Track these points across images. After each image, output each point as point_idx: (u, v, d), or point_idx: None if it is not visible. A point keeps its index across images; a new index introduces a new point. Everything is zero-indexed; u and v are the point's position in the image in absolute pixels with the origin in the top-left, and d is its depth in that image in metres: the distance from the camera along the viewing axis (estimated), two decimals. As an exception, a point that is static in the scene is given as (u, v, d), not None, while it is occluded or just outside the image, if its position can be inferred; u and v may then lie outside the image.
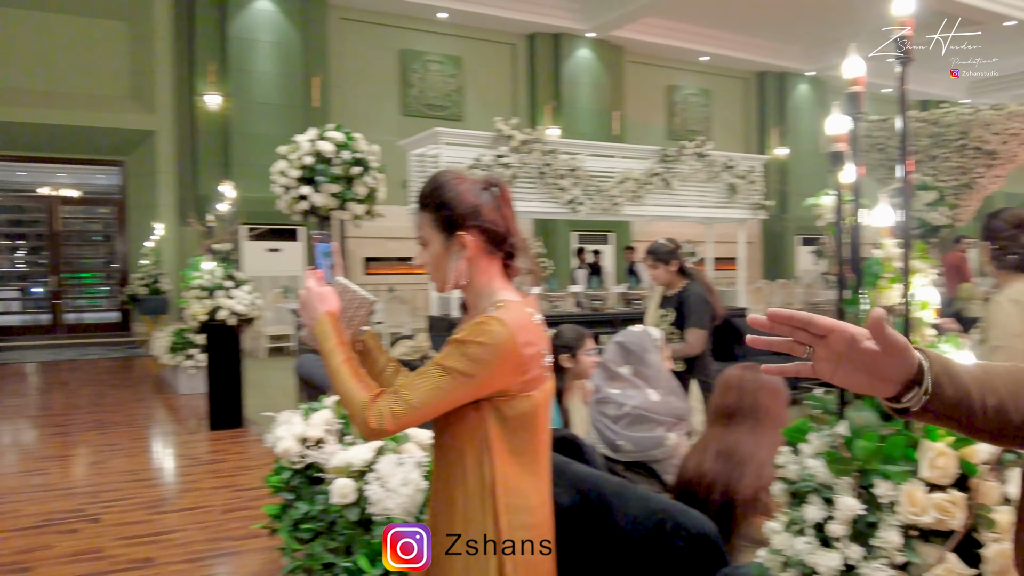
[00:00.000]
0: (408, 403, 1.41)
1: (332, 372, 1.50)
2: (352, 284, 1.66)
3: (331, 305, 1.57)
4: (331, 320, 1.55)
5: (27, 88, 13.05)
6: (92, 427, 6.77)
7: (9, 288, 13.98)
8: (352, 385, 1.46)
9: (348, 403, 1.45)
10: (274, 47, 14.25)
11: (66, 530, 4.14)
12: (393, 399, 1.42)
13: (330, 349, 1.51)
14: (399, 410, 1.41)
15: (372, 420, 1.41)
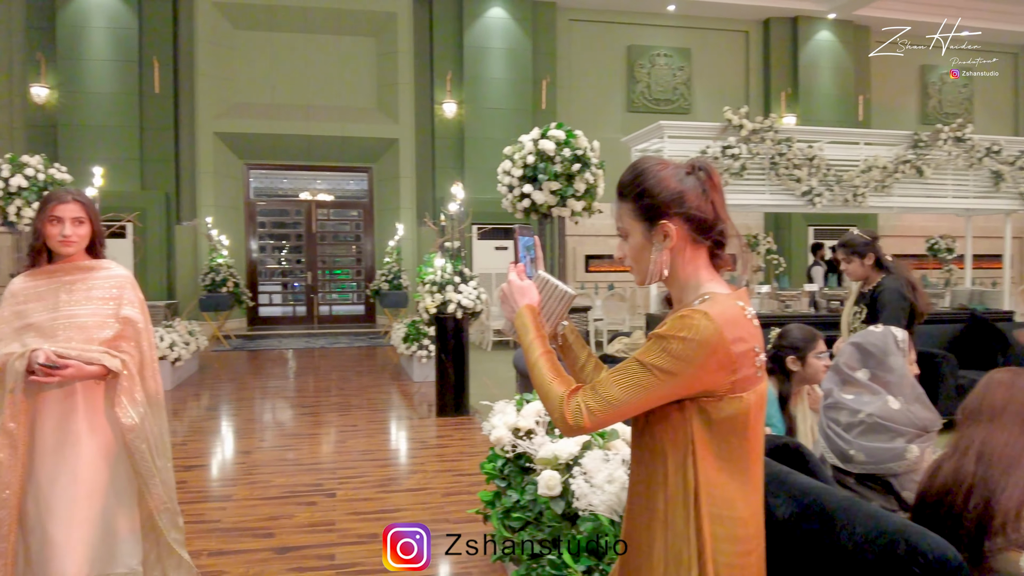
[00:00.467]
0: (605, 400, 1.34)
1: (530, 365, 1.46)
2: (553, 278, 1.61)
3: (531, 299, 1.54)
4: (531, 313, 1.52)
5: (291, 104, 14.59)
6: (336, 409, 7.38)
7: (273, 283, 15.71)
8: (549, 379, 1.41)
9: (545, 397, 1.40)
10: (505, 53, 14.77)
11: (306, 502, 4.52)
12: (590, 395, 1.35)
13: (529, 342, 1.48)
14: (596, 407, 1.34)
15: (569, 416, 1.35)
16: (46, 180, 6.95)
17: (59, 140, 13.11)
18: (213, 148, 14.23)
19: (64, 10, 13.24)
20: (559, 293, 1.58)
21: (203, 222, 13.76)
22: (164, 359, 8.48)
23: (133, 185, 13.61)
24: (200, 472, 5.20)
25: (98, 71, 13.45)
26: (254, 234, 15.25)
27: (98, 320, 2.67)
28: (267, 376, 9.66)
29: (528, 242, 1.66)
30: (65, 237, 2.61)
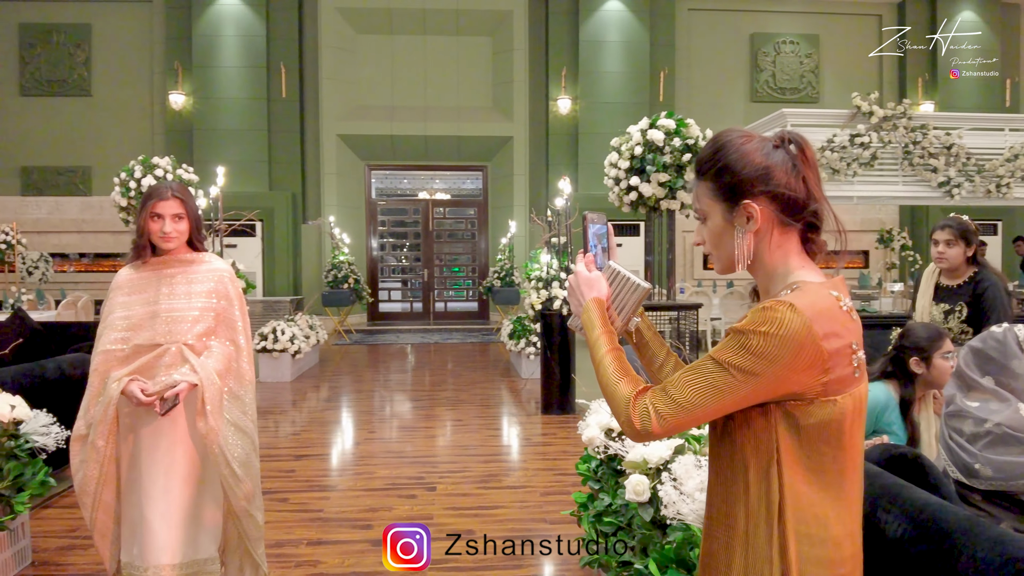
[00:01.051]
0: (676, 402, 1.19)
1: (596, 363, 1.33)
2: (624, 269, 1.46)
3: (599, 291, 1.42)
4: (598, 307, 1.39)
5: (410, 105, 14.89)
6: (445, 403, 7.43)
7: (393, 280, 16.11)
8: (616, 379, 1.27)
9: (611, 399, 1.27)
10: (622, 46, 14.52)
11: (406, 495, 4.53)
12: (660, 396, 1.20)
13: (595, 338, 1.35)
14: (665, 410, 1.19)
15: (636, 419, 1.21)
16: (174, 180, 7.34)
17: (195, 144, 13.91)
18: (336, 150, 14.72)
19: (199, 20, 14.02)
20: (631, 285, 1.43)
21: (326, 221, 14.26)
22: (285, 352, 8.82)
23: (262, 186, 14.26)
24: (309, 462, 5.32)
25: (229, 78, 14.18)
26: (374, 232, 15.67)
27: (195, 314, 2.73)
28: (382, 370, 9.87)
29: (599, 230, 1.53)
30: (165, 234, 2.68)
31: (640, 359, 1.55)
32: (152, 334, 2.68)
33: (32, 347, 6.27)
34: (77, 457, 2.68)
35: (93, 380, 2.71)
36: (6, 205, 14.16)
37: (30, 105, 14.37)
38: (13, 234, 11.00)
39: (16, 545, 3.48)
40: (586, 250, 1.49)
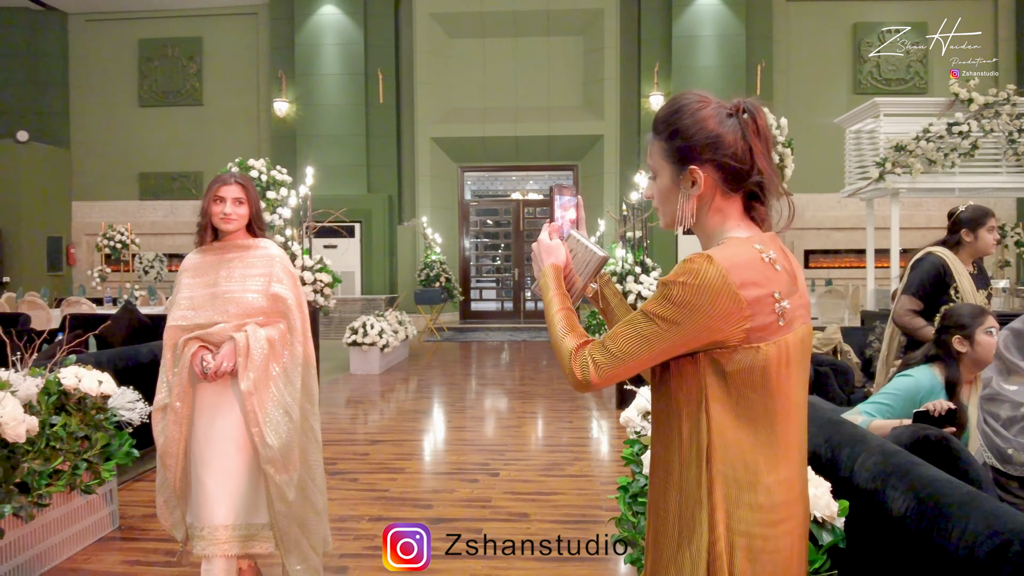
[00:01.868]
0: (612, 353, 1.24)
1: (548, 321, 1.39)
2: (586, 239, 1.52)
3: (557, 258, 1.47)
4: (554, 272, 1.44)
5: (501, 107, 15.09)
6: (523, 397, 7.51)
7: (484, 279, 16.36)
8: (563, 334, 1.33)
9: (558, 352, 1.32)
10: (717, 40, 14.28)
11: (469, 479, 4.63)
12: (598, 349, 1.26)
13: (549, 300, 1.41)
14: (602, 360, 1.25)
15: (577, 370, 1.26)
16: (268, 181, 7.73)
17: (297, 149, 14.55)
18: (430, 153, 15.09)
19: (301, 30, 14.67)
20: (588, 255, 1.49)
21: (420, 222, 14.63)
22: (374, 345, 9.12)
23: (360, 189, 14.78)
24: (383, 447, 5.51)
25: (330, 85, 14.76)
26: (467, 233, 15.95)
27: (249, 296, 2.92)
28: (466, 365, 10.06)
29: (568, 201, 1.59)
30: (225, 215, 2.88)
31: (608, 322, 1.59)
32: (211, 314, 2.88)
33: (139, 337, 6.74)
34: (158, 426, 2.91)
35: (165, 353, 2.94)
36: (126, 209, 15.23)
37: (147, 115, 15.42)
38: (128, 235, 11.82)
39: (106, 509, 3.78)
40: (552, 219, 1.55)
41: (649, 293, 6.64)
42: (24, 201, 14.43)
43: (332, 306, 7.26)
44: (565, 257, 1.48)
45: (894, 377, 2.80)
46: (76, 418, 3.55)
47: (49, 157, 15.06)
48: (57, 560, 3.39)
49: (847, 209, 14.70)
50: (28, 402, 3.34)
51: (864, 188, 8.21)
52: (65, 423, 3.44)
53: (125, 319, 7.01)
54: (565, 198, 1.58)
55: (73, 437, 3.48)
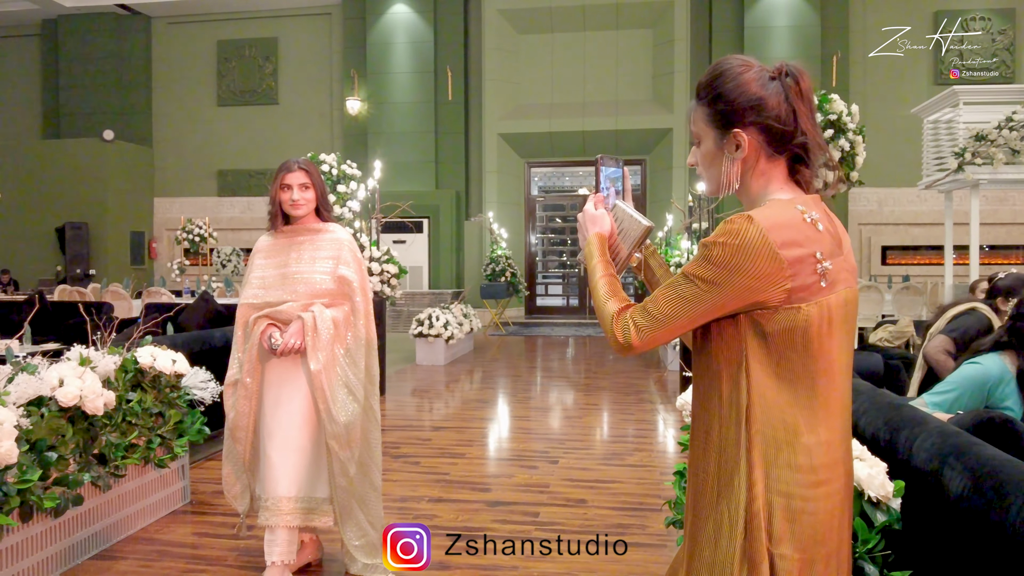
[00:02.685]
0: (652, 316, 1.25)
1: (592, 288, 1.40)
2: (631, 209, 1.52)
3: (602, 227, 1.48)
4: (599, 241, 1.45)
5: (568, 102, 15.07)
6: (586, 390, 7.50)
7: (551, 274, 16.37)
8: (605, 298, 1.34)
9: (600, 317, 1.34)
10: (790, 31, 13.98)
11: (528, 465, 4.66)
12: (639, 312, 1.27)
13: (593, 267, 1.42)
14: (643, 323, 1.25)
15: (619, 333, 1.27)
16: (339, 174, 7.91)
17: (368, 147, 14.83)
18: (497, 148, 15.18)
19: (373, 29, 14.94)
20: (633, 223, 1.50)
21: (486, 217, 14.74)
22: (439, 337, 9.24)
23: (429, 185, 14.97)
24: (446, 433, 5.58)
25: (400, 83, 15.00)
26: (533, 228, 15.99)
27: (318, 276, 3.02)
28: (531, 358, 10.10)
29: (613, 173, 1.59)
30: (294, 201, 2.99)
31: (651, 289, 1.59)
32: (281, 293, 2.99)
33: (215, 324, 7.00)
34: (229, 400, 3.03)
35: (237, 331, 3.06)
36: (205, 205, 15.79)
37: (225, 114, 15.95)
38: (206, 229, 12.27)
39: (178, 484, 3.95)
40: (597, 190, 1.55)
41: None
42: (110, 197, 15.13)
43: (398, 296, 7.38)
44: (610, 226, 1.49)
45: (962, 364, 2.71)
46: (151, 395, 3.72)
47: (133, 155, 15.75)
48: (132, 530, 3.56)
49: (926, 204, 14.17)
50: (107, 378, 3.52)
51: (942, 180, 7.90)
52: (140, 399, 3.61)
53: (202, 307, 7.29)
54: (610, 169, 1.59)
55: (148, 413, 3.65)
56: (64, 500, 3.02)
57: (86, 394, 3.18)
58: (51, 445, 3.04)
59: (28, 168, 15.14)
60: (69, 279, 14.44)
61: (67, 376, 3.18)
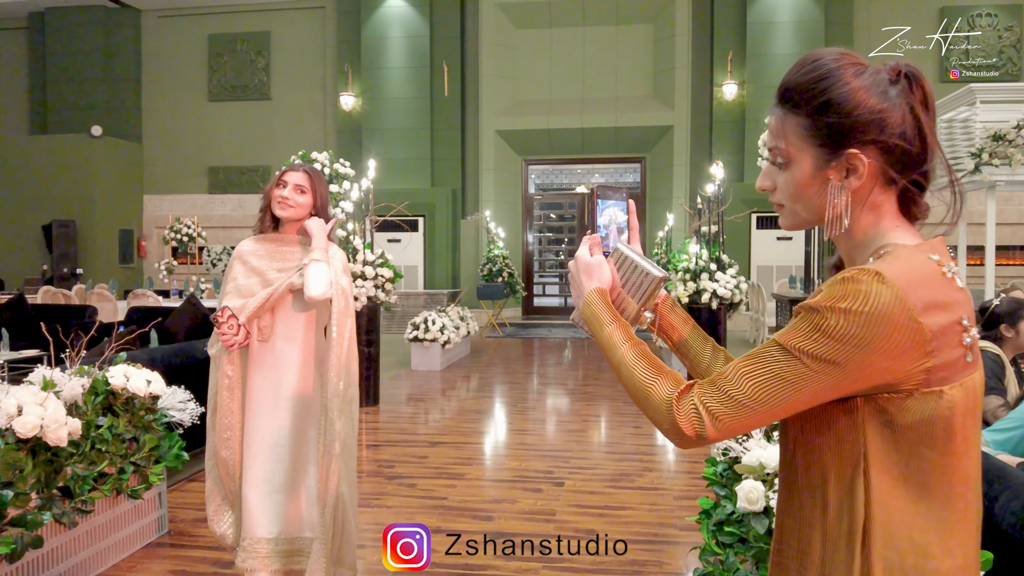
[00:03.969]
0: (733, 399, 0.94)
1: (616, 365, 1.07)
2: (638, 254, 1.21)
3: (601, 279, 1.16)
4: (601, 298, 1.13)
5: (567, 98, 14.76)
6: (587, 398, 7.22)
7: (548, 274, 16.07)
8: (647, 378, 1.02)
9: (646, 404, 1.01)
10: (794, 27, 13.70)
11: (532, 488, 4.36)
12: (711, 393, 0.95)
13: (607, 337, 1.09)
14: (720, 409, 0.94)
15: (683, 423, 0.96)
16: (331, 173, 7.61)
17: (363, 143, 14.50)
18: (494, 145, 14.86)
19: (367, 24, 14.60)
20: (640, 273, 1.18)
21: (483, 216, 14.43)
22: (435, 341, 8.94)
23: (424, 183, 14.66)
24: (443, 449, 5.29)
25: (395, 78, 14.66)
26: (531, 227, 15.69)
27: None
28: (528, 363, 9.81)
29: (613, 206, 1.27)
30: (283, 198, 2.68)
31: (682, 361, 1.29)
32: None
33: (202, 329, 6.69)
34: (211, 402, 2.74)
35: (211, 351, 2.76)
36: (195, 202, 15.44)
37: (216, 110, 15.59)
38: (195, 227, 11.94)
39: (154, 514, 3.64)
40: (594, 230, 1.24)
41: (725, 292, 6.25)
42: (98, 194, 14.77)
43: (393, 301, 7.08)
44: (610, 278, 1.18)
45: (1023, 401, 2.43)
46: (124, 419, 3.41)
47: (122, 151, 15.39)
48: (101, 568, 3.26)
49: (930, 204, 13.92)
50: (74, 402, 3.22)
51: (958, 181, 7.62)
52: (112, 424, 3.31)
53: (188, 312, 6.98)
54: (609, 202, 1.26)
55: (120, 439, 3.35)
56: (21, 543, 2.72)
57: (48, 423, 2.87)
58: (7, 482, 2.74)
59: (14, 164, 14.77)
60: (56, 278, 14.10)
61: (26, 403, 2.88)
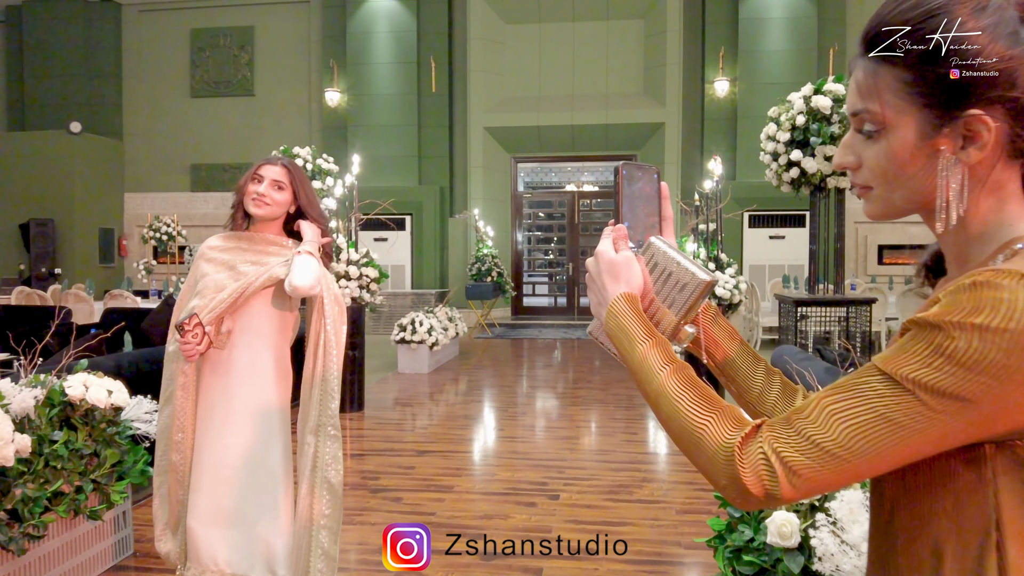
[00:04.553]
0: (820, 448, 0.68)
1: (653, 394, 0.81)
2: (676, 250, 0.94)
3: (630, 282, 0.90)
4: (630, 306, 0.87)
5: (557, 94, 14.51)
6: (581, 403, 6.97)
7: (537, 273, 15.83)
8: (696, 411, 0.77)
9: (694, 447, 0.76)
10: (787, 23, 13.52)
11: (526, 502, 4.11)
12: (789, 438, 0.70)
13: (639, 357, 0.83)
14: (801, 461, 0.69)
15: (750, 479, 0.70)
16: (314, 169, 7.32)
17: (348, 140, 14.20)
18: (483, 142, 14.59)
19: (353, 18, 14.30)
20: (680, 276, 0.91)
21: (471, 214, 14.17)
22: (423, 343, 8.67)
23: (412, 180, 14.37)
24: (431, 459, 5.03)
25: (382, 74, 14.37)
26: (520, 226, 15.43)
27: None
28: (518, 365, 9.56)
29: (642, 189, 0.99)
30: (259, 195, 2.41)
31: (726, 388, 1.03)
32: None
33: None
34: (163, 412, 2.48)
35: (170, 336, 2.49)
36: (177, 200, 15.09)
37: (199, 106, 15.25)
38: (175, 226, 11.61)
39: (117, 535, 3.37)
40: (619, 219, 0.97)
41: (725, 292, 5.99)
42: (77, 192, 14.40)
43: (379, 303, 6.81)
44: (642, 281, 0.92)
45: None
46: (83, 433, 3.13)
47: (102, 148, 15.02)
48: (56, 597, 2.98)
49: (926, 201, 13.78)
50: (25, 416, 2.94)
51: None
52: (68, 439, 3.03)
53: (165, 314, 6.69)
54: (636, 185, 0.98)
55: (78, 455, 3.07)
56: (-41, 576, 2.44)
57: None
58: (-56, 507, 2.47)
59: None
60: (33, 278, 13.72)
61: (-33, 419, 2.60)
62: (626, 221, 0.97)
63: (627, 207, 0.98)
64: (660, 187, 1.01)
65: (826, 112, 4.81)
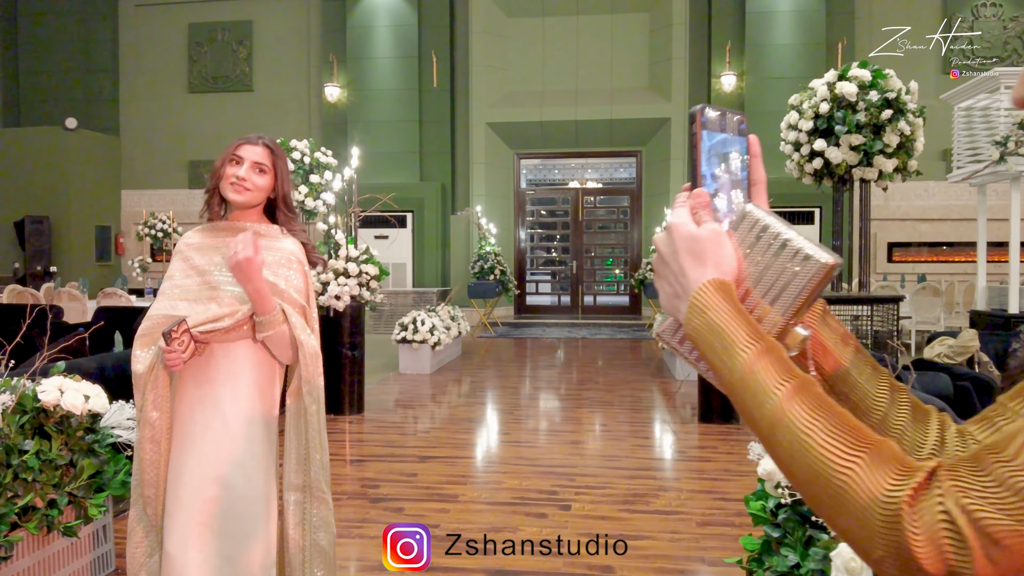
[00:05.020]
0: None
1: (769, 421, 0.58)
2: (782, 222, 0.69)
3: (719, 264, 0.67)
4: (725, 298, 0.64)
5: (560, 89, 14.26)
6: (589, 405, 6.72)
7: (541, 272, 15.57)
8: (835, 448, 0.54)
9: (836, 498, 0.53)
10: (794, 16, 13.28)
11: (535, 513, 3.85)
12: (984, 490, 0.47)
13: (744, 367, 0.61)
14: (1008, 527, 0.45)
15: (924, 549, 0.48)
16: (312, 163, 7.07)
17: (349, 136, 13.95)
18: (485, 138, 14.34)
19: (353, 12, 14.05)
20: (789, 259, 0.66)
21: (474, 211, 13.91)
22: (424, 343, 8.42)
23: (413, 177, 14.13)
24: (434, 465, 4.78)
25: (382, 69, 14.12)
26: (523, 223, 15.19)
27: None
28: (521, 365, 9.31)
29: (728, 143, 0.73)
30: (238, 179, 2.10)
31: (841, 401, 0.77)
32: (203, 309, 2.13)
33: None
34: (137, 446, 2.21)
35: (135, 350, 2.20)
36: (175, 198, 14.85)
37: (196, 101, 15.00)
38: (171, 223, 11.36)
39: (96, 551, 3.12)
40: (696, 182, 0.72)
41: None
42: (73, 189, 14.15)
43: (379, 300, 6.56)
44: (735, 262, 0.68)
45: None
46: (57, 441, 2.88)
47: (98, 144, 14.77)
48: (26, 622, 2.73)
49: (934, 198, 13.52)
50: (-7, 423, 2.69)
51: (981, 171, 7.17)
52: (40, 449, 2.78)
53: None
54: (718, 136, 0.73)
55: (52, 466, 2.82)
56: (-89, 604, 2.19)
57: (-50, 453, 2.35)
58: None
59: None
60: (28, 276, 13.47)
61: (-76, 428, 2.35)
62: (707, 184, 0.72)
63: (707, 165, 0.73)
64: (750, 141, 0.76)
65: (851, 99, 4.56)
